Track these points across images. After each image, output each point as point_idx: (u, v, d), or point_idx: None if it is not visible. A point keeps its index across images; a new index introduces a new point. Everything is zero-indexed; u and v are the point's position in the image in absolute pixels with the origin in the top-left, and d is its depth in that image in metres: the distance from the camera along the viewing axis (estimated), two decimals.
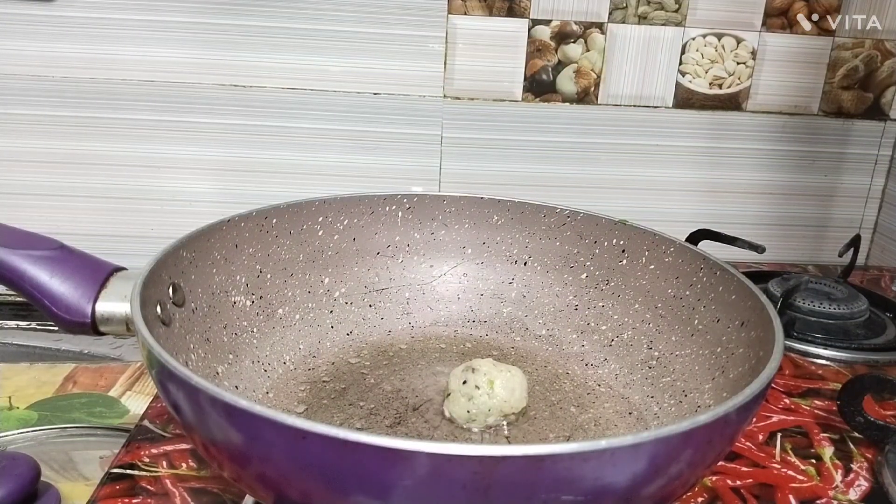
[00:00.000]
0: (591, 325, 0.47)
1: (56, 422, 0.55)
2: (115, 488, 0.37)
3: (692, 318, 0.42)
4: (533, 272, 0.49)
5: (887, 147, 0.81)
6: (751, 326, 0.36)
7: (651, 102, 0.77)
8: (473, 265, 0.50)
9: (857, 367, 0.54)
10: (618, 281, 0.46)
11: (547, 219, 0.49)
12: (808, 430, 0.45)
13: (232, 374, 0.38)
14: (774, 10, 0.75)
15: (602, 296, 0.47)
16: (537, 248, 0.49)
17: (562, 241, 0.48)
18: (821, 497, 0.39)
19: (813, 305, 0.60)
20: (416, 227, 0.49)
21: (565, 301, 0.48)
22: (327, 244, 0.46)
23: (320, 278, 0.46)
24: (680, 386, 0.40)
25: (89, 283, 0.33)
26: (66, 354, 0.68)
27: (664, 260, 0.44)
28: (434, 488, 0.22)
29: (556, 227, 0.48)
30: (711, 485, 0.39)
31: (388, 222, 0.48)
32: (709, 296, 0.41)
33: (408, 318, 0.48)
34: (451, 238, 0.50)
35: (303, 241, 0.45)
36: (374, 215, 0.48)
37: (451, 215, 0.49)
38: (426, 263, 0.49)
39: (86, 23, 0.69)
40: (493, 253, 0.50)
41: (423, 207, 0.49)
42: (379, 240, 0.48)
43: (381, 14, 0.71)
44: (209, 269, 0.38)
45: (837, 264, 0.74)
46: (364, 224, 0.47)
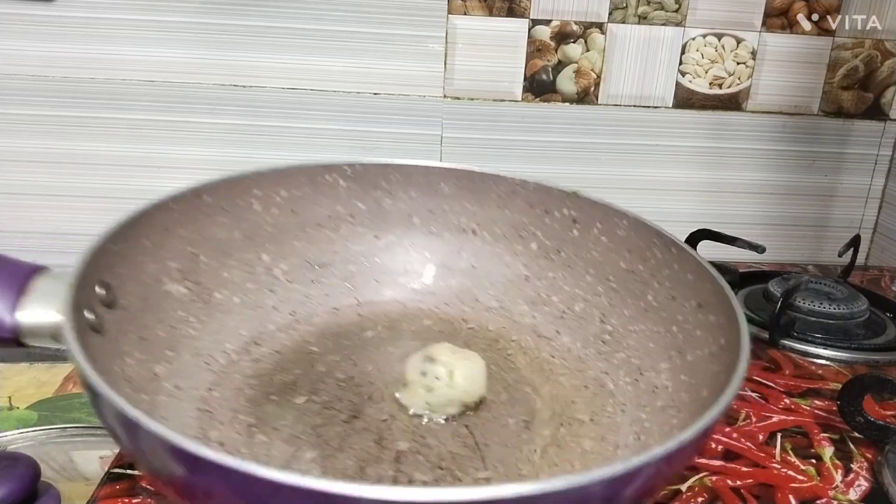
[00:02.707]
0: (542, 296, 0.45)
1: (56, 422, 0.55)
2: (115, 488, 0.37)
3: (645, 293, 0.41)
4: (482, 242, 0.47)
5: (887, 147, 0.81)
6: (709, 310, 0.36)
7: (651, 102, 0.77)
8: (421, 235, 0.48)
9: (857, 367, 0.54)
10: (569, 252, 0.45)
11: (497, 188, 0.47)
12: (808, 430, 0.45)
13: (172, 373, 0.36)
14: (774, 10, 0.75)
15: (553, 266, 0.45)
16: (486, 217, 0.47)
17: (512, 210, 0.47)
18: (821, 497, 0.39)
19: (813, 305, 0.60)
20: (359, 197, 0.46)
21: (515, 271, 0.46)
22: (265, 219, 0.43)
23: (259, 256, 0.43)
24: (635, 363, 0.40)
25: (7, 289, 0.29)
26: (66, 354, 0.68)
27: (616, 233, 0.43)
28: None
29: (506, 197, 0.47)
30: (711, 485, 0.39)
31: (330, 192, 0.45)
32: (663, 272, 0.40)
33: (354, 294, 0.46)
34: (398, 208, 0.47)
35: (239, 217, 0.42)
36: (314, 185, 0.45)
37: (397, 184, 0.47)
38: (371, 234, 0.47)
39: (86, 23, 0.69)
40: (441, 222, 0.47)
41: (367, 176, 0.46)
42: (320, 211, 0.45)
43: (381, 14, 0.71)
44: (138, 259, 0.35)
45: (837, 264, 0.74)
46: (304, 195, 0.45)
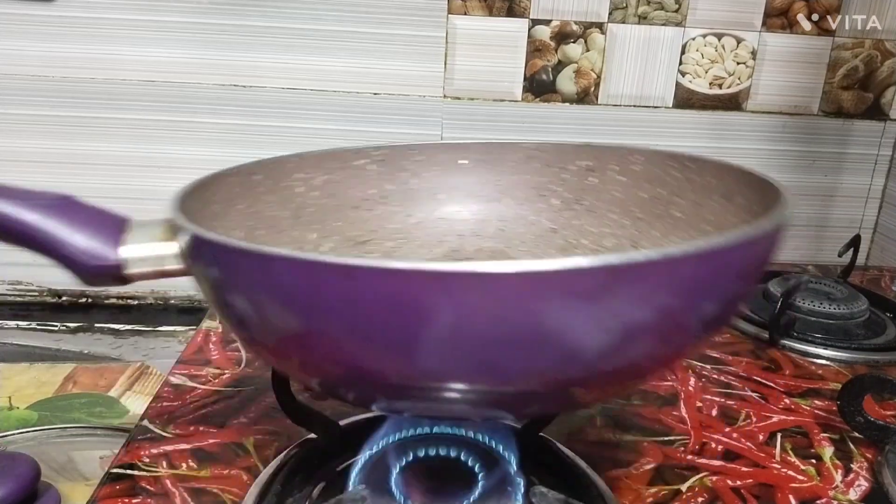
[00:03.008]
0: (571, 242, 0.47)
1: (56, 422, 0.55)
2: (115, 488, 0.37)
3: (670, 211, 0.42)
4: (507, 207, 0.50)
5: (887, 147, 0.81)
6: (734, 195, 0.38)
7: (651, 102, 0.77)
8: (448, 208, 0.50)
9: (857, 367, 0.54)
10: (590, 199, 0.47)
11: (513, 155, 0.49)
12: (808, 430, 0.45)
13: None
14: (774, 10, 0.75)
15: (577, 215, 0.47)
16: (507, 184, 0.50)
17: (530, 173, 0.49)
18: (821, 497, 0.39)
19: (813, 305, 0.60)
20: (388, 179, 0.49)
21: (542, 227, 0.49)
22: (307, 201, 0.46)
23: (307, 234, 0.46)
24: None
25: (109, 227, 0.33)
26: (66, 354, 0.68)
27: (632, 169, 0.45)
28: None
29: (523, 162, 0.49)
30: (711, 485, 0.39)
31: (361, 175, 0.48)
32: (684, 187, 0.42)
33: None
34: (424, 186, 0.50)
35: (285, 198, 0.45)
36: (346, 170, 0.48)
37: (421, 164, 0.49)
38: (403, 213, 0.49)
39: (86, 23, 0.69)
40: (466, 195, 0.50)
41: (393, 158, 0.49)
42: (355, 193, 0.48)
43: (381, 14, 0.71)
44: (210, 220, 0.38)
45: (837, 264, 0.74)
46: (339, 179, 0.47)
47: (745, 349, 0.56)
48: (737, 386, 0.50)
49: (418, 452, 0.36)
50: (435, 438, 0.38)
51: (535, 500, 0.33)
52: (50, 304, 0.76)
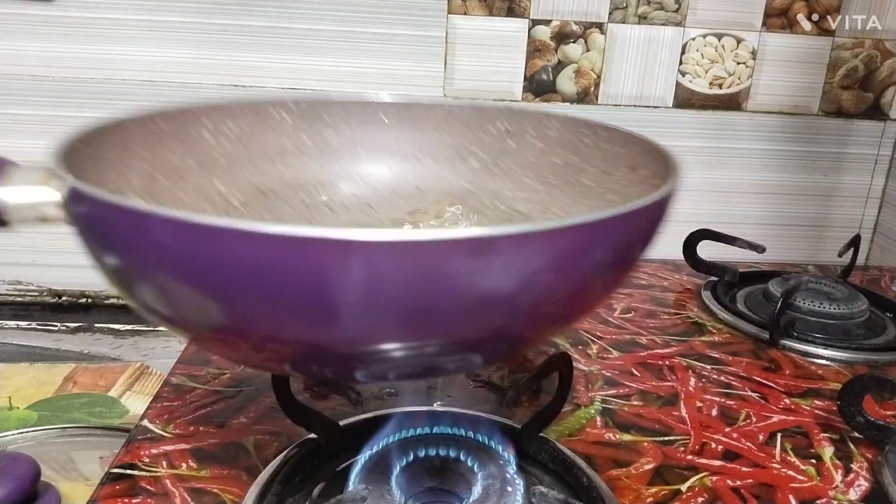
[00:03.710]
0: (486, 203, 0.48)
1: (56, 422, 0.56)
2: (115, 488, 0.37)
3: (580, 178, 0.44)
4: (425, 166, 0.50)
5: (887, 147, 0.81)
6: (640, 167, 0.40)
7: (651, 102, 0.77)
8: (366, 165, 0.50)
9: (857, 367, 0.54)
10: (507, 162, 0.48)
11: (434, 113, 0.49)
12: (808, 430, 0.45)
13: None
14: (774, 10, 0.75)
15: (493, 178, 0.48)
16: (427, 142, 0.49)
17: (450, 133, 0.49)
18: (821, 497, 0.39)
19: (813, 305, 0.60)
20: (305, 131, 0.48)
21: (459, 187, 0.49)
22: (216, 149, 0.45)
23: (213, 183, 0.44)
24: None
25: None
26: (66, 354, 0.68)
27: (548, 134, 0.46)
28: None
29: (444, 121, 0.49)
30: (711, 485, 0.39)
31: (277, 126, 0.47)
32: (594, 154, 0.43)
33: (307, 219, 0.48)
34: (342, 140, 0.49)
35: (192, 146, 0.43)
36: (261, 120, 0.46)
37: (340, 117, 0.49)
38: (318, 166, 0.49)
39: (86, 23, 0.69)
40: (385, 152, 0.50)
41: (311, 110, 0.48)
42: (269, 144, 0.47)
43: (381, 14, 0.71)
44: (103, 167, 0.37)
45: (837, 264, 0.74)
46: (252, 129, 0.46)
47: (745, 349, 0.56)
48: (737, 386, 0.50)
49: (418, 452, 0.36)
50: (435, 438, 0.38)
51: (535, 500, 0.33)
52: (50, 304, 0.76)
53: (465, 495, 0.34)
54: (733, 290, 0.68)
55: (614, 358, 0.54)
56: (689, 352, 0.55)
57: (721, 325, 0.61)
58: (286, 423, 0.38)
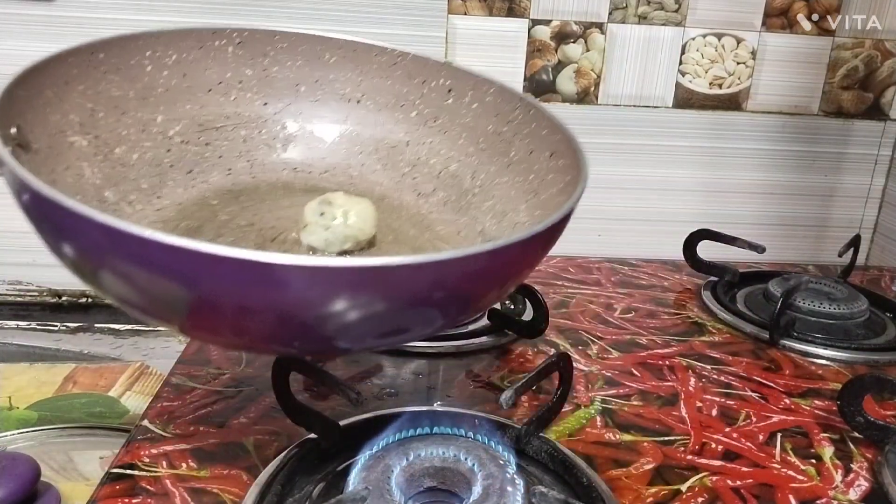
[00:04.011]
0: (421, 158, 0.49)
1: (56, 422, 0.56)
2: (115, 488, 0.37)
3: (509, 150, 0.46)
4: (366, 111, 0.50)
5: (887, 147, 0.81)
6: (558, 156, 0.42)
7: (651, 102, 0.77)
8: (307, 103, 0.50)
9: (857, 367, 0.54)
10: (445, 119, 0.49)
11: (378, 58, 0.49)
12: (808, 430, 0.45)
13: None
14: (774, 10, 0.75)
15: (431, 133, 0.49)
16: (370, 86, 0.50)
17: (393, 80, 0.49)
18: (821, 497, 0.39)
19: (813, 305, 0.60)
20: (247, 63, 0.48)
21: (397, 137, 0.50)
22: (157, 81, 0.44)
23: (153, 116, 0.44)
24: (500, 208, 0.45)
25: None
26: (66, 354, 0.68)
27: (485, 100, 0.47)
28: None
29: (388, 67, 0.49)
30: (712, 485, 0.39)
31: (219, 58, 0.47)
32: (523, 131, 0.45)
33: (246, 157, 0.48)
34: (285, 75, 0.49)
35: (132, 77, 0.43)
36: (203, 50, 0.46)
37: (284, 52, 0.48)
38: (260, 101, 0.49)
39: (86, 23, 0.69)
40: (327, 91, 0.50)
41: (254, 43, 0.48)
42: (210, 76, 0.47)
43: (381, 14, 0.71)
44: (44, 108, 0.37)
45: (837, 264, 0.74)
46: (193, 59, 0.46)
47: (745, 349, 0.56)
48: (737, 386, 0.50)
49: (418, 452, 0.36)
50: (435, 438, 0.38)
51: (535, 500, 0.33)
52: (50, 304, 0.76)
53: (465, 495, 0.34)
54: (733, 290, 0.68)
55: (614, 358, 0.54)
56: (689, 352, 0.55)
57: (721, 325, 0.61)
58: (286, 423, 0.38)
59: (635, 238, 0.81)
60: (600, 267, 0.73)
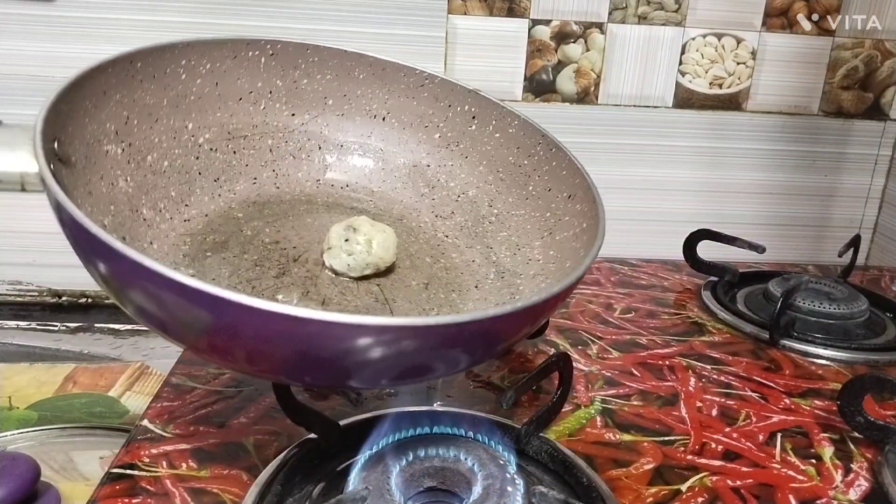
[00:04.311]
0: (440, 180, 0.50)
1: (56, 422, 0.56)
2: (115, 488, 0.37)
3: (528, 184, 0.47)
4: (390, 128, 0.51)
5: (887, 147, 0.81)
6: (577, 200, 0.43)
7: (651, 102, 0.77)
8: (334, 116, 0.51)
9: (857, 367, 0.54)
10: (467, 144, 0.50)
11: (406, 78, 0.50)
12: (808, 430, 0.45)
13: (116, 226, 0.39)
14: (774, 10, 0.75)
15: (452, 156, 0.51)
16: (396, 105, 0.51)
17: (419, 101, 0.51)
18: (821, 497, 0.39)
19: (813, 305, 0.60)
20: (278, 74, 0.49)
21: (419, 157, 0.51)
22: (190, 88, 0.45)
23: (184, 123, 0.45)
24: (514, 241, 0.46)
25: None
26: (66, 354, 0.68)
27: (508, 131, 0.48)
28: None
29: (415, 88, 0.50)
30: (712, 485, 0.39)
31: (251, 67, 0.48)
32: (543, 168, 0.46)
33: (271, 166, 0.49)
34: (314, 88, 0.50)
35: (166, 84, 0.44)
36: (236, 60, 0.47)
37: (314, 65, 0.49)
38: (288, 111, 0.50)
39: (86, 23, 0.69)
40: (354, 106, 0.51)
41: (287, 55, 0.48)
42: (241, 85, 0.48)
43: (381, 14, 0.71)
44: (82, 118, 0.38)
45: (837, 264, 0.74)
46: (226, 68, 0.47)
47: (745, 349, 0.56)
48: (737, 386, 0.50)
49: (418, 452, 0.36)
50: (435, 438, 0.38)
51: (535, 500, 0.33)
52: (50, 304, 0.76)
53: (465, 495, 0.34)
54: (733, 290, 0.68)
55: (614, 358, 0.54)
56: (689, 352, 0.55)
57: (721, 325, 0.61)
58: (286, 423, 0.38)
59: (635, 238, 0.81)
60: (600, 267, 0.73)
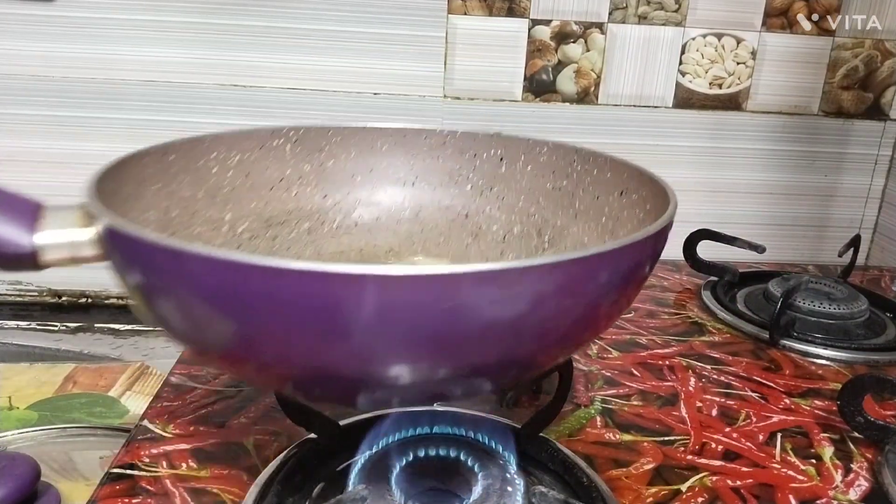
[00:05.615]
0: (482, 227, 0.50)
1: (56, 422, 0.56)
2: (115, 488, 0.37)
3: (573, 202, 0.46)
4: (422, 191, 0.52)
5: (887, 147, 0.81)
6: (630, 192, 0.42)
7: (651, 102, 0.77)
8: (365, 191, 0.52)
9: (857, 367, 0.54)
10: (500, 186, 0.50)
11: (428, 140, 0.51)
12: (808, 430, 0.45)
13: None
14: (774, 10, 0.75)
15: (488, 201, 0.50)
16: (423, 168, 0.51)
17: (444, 159, 0.51)
18: (821, 497, 0.39)
19: (813, 305, 0.60)
20: (304, 159, 0.50)
21: (455, 212, 0.51)
22: (223, 181, 0.46)
23: (222, 215, 0.46)
24: None
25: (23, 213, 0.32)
26: (66, 354, 0.68)
27: (539, 160, 0.48)
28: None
29: (438, 147, 0.51)
30: (712, 485, 0.39)
31: (278, 156, 0.49)
32: (585, 180, 0.46)
33: (312, 247, 0.50)
34: (340, 167, 0.51)
35: (200, 177, 0.45)
36: (263, 149, 0.48)
37: (338, 145, 0.50)
38: (319, 194, 0.51)
39: (86, 23, 0.69)
40: (382, 178, 0.52)
41: (309, 139, 0.50)
42: (271, 174, 0.49)
43: (381, 14, 0.71)
44: (122, 203, 0.38)
45: (837, 264, 0.74)
46: (255, 159, 0.48)
47: (745, 349, 0.56)
48: (737, 386, 0.50)
49: (418, 452, 0.36)
50: (435, 438, 0.38)
51: (535, 500, 0.33)
52: (50, 304, 0.76)
53: (465, 495, 0.34)
54: (733, 290, 0.68)
55: (614, 358, 0.54)
56: (689, 352, 0.55)
57: (721, 325, 0.61)
58: (286, 423, 0.38)
59: None
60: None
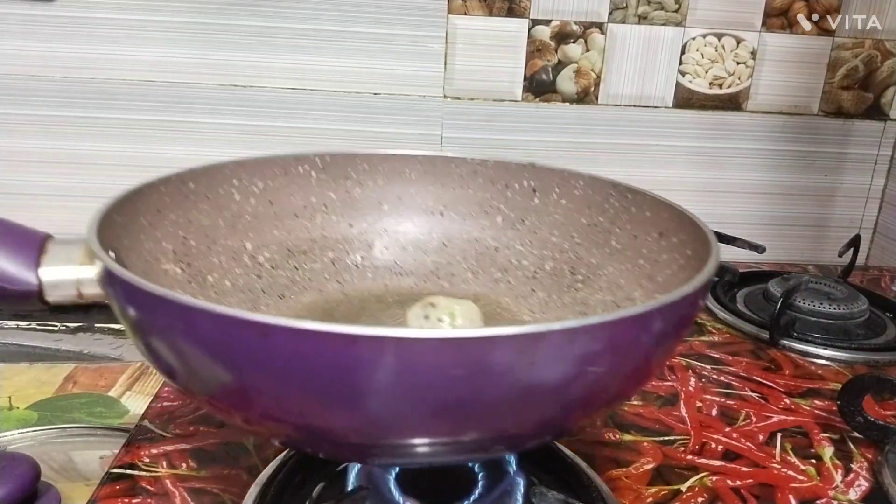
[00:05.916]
0: (512, 262, 0.48)
1: (56, 422, 0.55)
2: (115, 488, 0.37)
3: (609, 240, 0.44)
4: (450, 221, 0.50)
5: (887, 147, 0.81)
6: (670, 234, 0.40)
7: (651, 102, 0.77)
8: (391, 220, 0.50)
9: (857, 367, 0.54)
10: (532, 219, 0.48)
11: (458, 169, 0.49)
12: (808, 430, 0.45)
13: None
14: (774, 10, 0.75)
15: (519, 235, 0.48)
16: (452, 198, 0.50)
17: (474, 189, 0.49)
18: (821, 497, 0.39)
19: (813, 305, 0.60)
20: (330, 187, 0.48)
21: (485, 244, 0.49)
22: (245, 208, 0.45)
23: (243, 244, 0.45)
24: (609, 300, 0.42)
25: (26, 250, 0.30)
26: (66, 354, 0.68)
27: (574, 193, 0.46)
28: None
29: (468, 177, 0.49)
30: (712, 485, 0.39)
31: (303, 183, 0.47)
32: (622, 218, 0.43)
33: (336, 277, 0.48)
34: (367, 195, 0.49)
35: (221, 205, 0.44)
36: (287, 176, 0.47)
37: (365, 173, 0.49)
38: (345, 223, 0.49)
39: (86, 23, 0.69)
40: (410, 207, 0.50)
41: (336, 166, 0.48)
42: (295, 201, 0.47)
43: (381, 14, 0.71)
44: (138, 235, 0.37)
45: (837, 264, 0.74)
46: (278, 186, 0.46)
47: (745, 349, 0.56)
48: (737, 386, 0.50)
49: None
50: None
51: (535, 500, 0.33)
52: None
53: (465, 495, 0.34)
54: (733, 290, 0.68)
55: None
56: (689, 352, 0.55)
57: (721, 325, 0.61)
58: None
59: None
60: None
